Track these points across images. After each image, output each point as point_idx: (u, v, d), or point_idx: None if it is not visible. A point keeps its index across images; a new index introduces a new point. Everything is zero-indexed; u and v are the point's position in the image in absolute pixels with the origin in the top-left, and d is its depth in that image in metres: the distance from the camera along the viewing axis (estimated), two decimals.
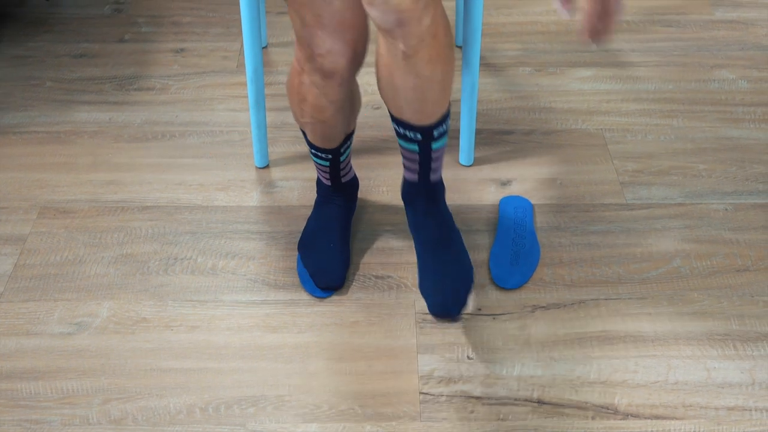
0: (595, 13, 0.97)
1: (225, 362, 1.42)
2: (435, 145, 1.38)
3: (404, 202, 1.50)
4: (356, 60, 1.31)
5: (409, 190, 1.47)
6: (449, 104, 1.36)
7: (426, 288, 1.47)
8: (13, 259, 1.59)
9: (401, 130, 1.37)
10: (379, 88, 1.34)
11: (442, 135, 1.38)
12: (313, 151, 1.50)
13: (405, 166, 1.44)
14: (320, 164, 1.52)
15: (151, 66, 2.07)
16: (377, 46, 1.30)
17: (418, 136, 1.36)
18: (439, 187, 1.48)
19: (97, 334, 1.46)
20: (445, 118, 1.36)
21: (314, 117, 1.38)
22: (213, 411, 1.35)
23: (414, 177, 1.44)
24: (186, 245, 1.62)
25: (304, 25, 1.26)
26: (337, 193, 1.58)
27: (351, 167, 1.58)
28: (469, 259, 1.50)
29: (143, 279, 1.56)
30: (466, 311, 1.49)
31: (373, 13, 1.18)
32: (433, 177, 1.44)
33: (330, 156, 1.49)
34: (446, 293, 1.45)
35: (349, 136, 1.49)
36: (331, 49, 1.26)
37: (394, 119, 1.36)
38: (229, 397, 1.37)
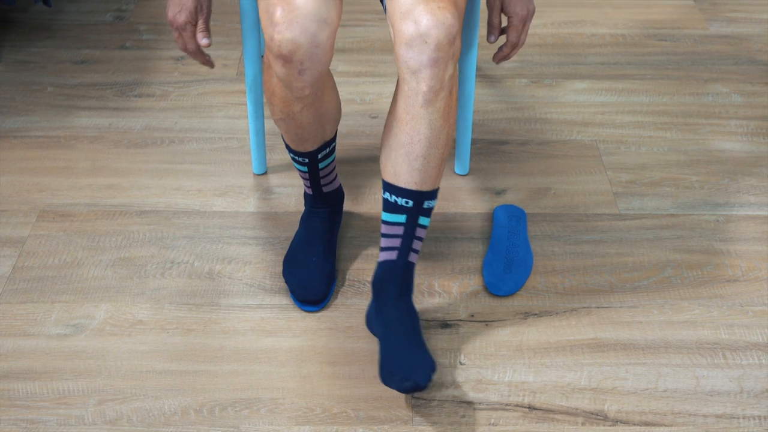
0: (512, 45, 1.47)
1: (220, 365, 1.44)
2: (422, 220, 1.37)
3: (373, 291, 1.40)
4: (317, 49, 1.27)
5: (383, 272, 1.38)
6: (439, 186, 1.37)
7: (391, 372, 1.31)
8: (11, 261, 1.61)
9: (392, 199, 1.35)
10: (383, 150, 1.35)
11: (429, 211, 1.37)
12: (291, 155, 1.52)
13: (382, 248, 1.39)
14: (300, 170, 1.54)
15: (152, 73, 2.09)
16: (391, 105, 1.34)
17: (410, 203, 1.34)
18: (412, 272, 1.39)
19: (94, 335, 1.48)
20: (436, 192, 1.37)
21: (283, 112, 1.38)
22: (207, 413, 1.37)
23: (392, 255, 1.37)
24: (183, 249, 1.64)
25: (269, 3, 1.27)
26: (321, 204, 1.60)
27: (336, 178, 1.59)
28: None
29: (140, 282, 1.57)
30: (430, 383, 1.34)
31: (407, 54, 1.27)
32: (412, 257, 1.38)
33: (307, 160, 1.51)
34: (417, 375, 1.30)
35: (327, 144, 1.50)
36: (290, 33, 1.25)
37: (387, 188, 1.35)
38: (224, 399, 1.39)
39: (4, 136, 1.90)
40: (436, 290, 1.57)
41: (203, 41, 1.41)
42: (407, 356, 1.31)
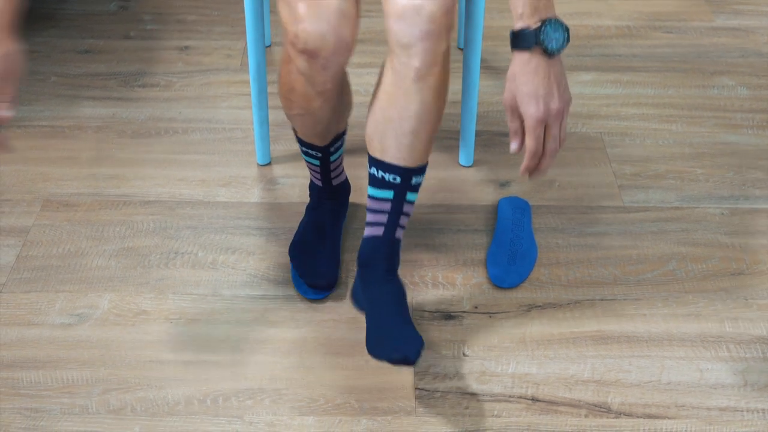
0: (534, 154, 1.16)
1: (223, 355, 1.44)
2: (410, 196, 1.34)
3: (359, 267, 1.37)
4: (341, 43, 1.26)
5: (369, 249, 1.36)
6: (428, 161, 1.34)
7: (379, 343, 1.29)
8: (16, 251, 1.61)
9: (379, 174, 1.33)
10: (370, 124, 1.32)
11: (417, 187, 1.35)
12: (303, 149, 1.50)
13: (368, 223, 1.36)
14: (311, 163, 1.53)
15: (156, 63, 2.09)
16: (379, 77, 1.31)
17: (397, 179, 1.32)
18: (399, 248, 1.37)
19: (98, 325, 1.48)
20: (424, 168, 1.34)
21: (302, 107, 1.36)
22: (211, 403, 1.37)
23: (378, 231, 1.35)
24: (187, 240, 1.64)
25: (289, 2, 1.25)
26: (328, 196, 1.59)
27: (343, 170, 1.59)
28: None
29: (144, 272, 1.57)
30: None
31: (398, 26, 1.22)
32: (398, 233, 1.36)
33: (320, 154, 1.50)
34: (406, 348, 1.27)
35: (339, 137, 1.49)
36: (315, 28, 1.24)
37: (374, 163, 1.33)
38: (227, 389, 1.39)
39: (8, 125, 1.90)
40: (439, 282, 1.57)
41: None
42: (396, 331, 1.29)
